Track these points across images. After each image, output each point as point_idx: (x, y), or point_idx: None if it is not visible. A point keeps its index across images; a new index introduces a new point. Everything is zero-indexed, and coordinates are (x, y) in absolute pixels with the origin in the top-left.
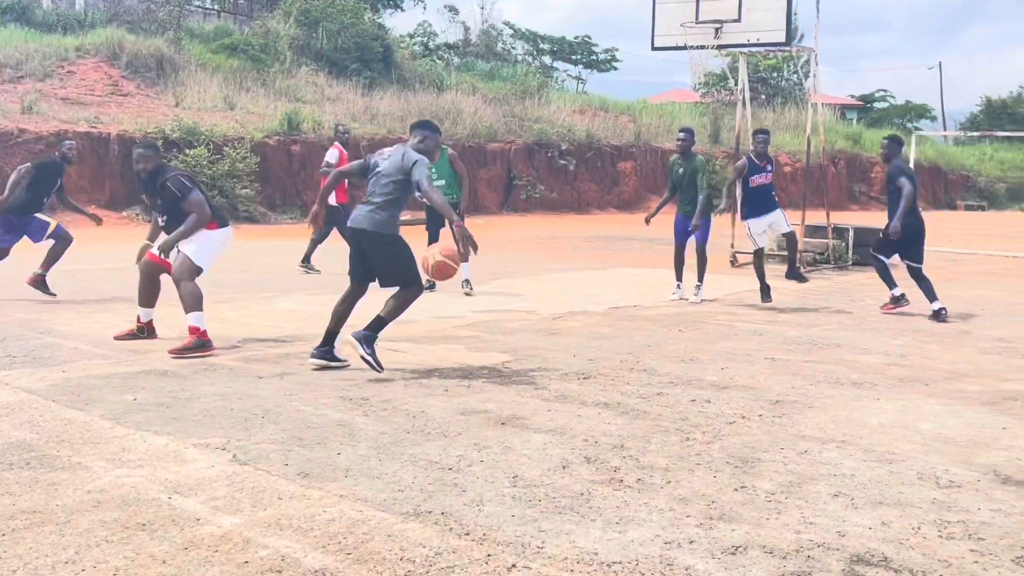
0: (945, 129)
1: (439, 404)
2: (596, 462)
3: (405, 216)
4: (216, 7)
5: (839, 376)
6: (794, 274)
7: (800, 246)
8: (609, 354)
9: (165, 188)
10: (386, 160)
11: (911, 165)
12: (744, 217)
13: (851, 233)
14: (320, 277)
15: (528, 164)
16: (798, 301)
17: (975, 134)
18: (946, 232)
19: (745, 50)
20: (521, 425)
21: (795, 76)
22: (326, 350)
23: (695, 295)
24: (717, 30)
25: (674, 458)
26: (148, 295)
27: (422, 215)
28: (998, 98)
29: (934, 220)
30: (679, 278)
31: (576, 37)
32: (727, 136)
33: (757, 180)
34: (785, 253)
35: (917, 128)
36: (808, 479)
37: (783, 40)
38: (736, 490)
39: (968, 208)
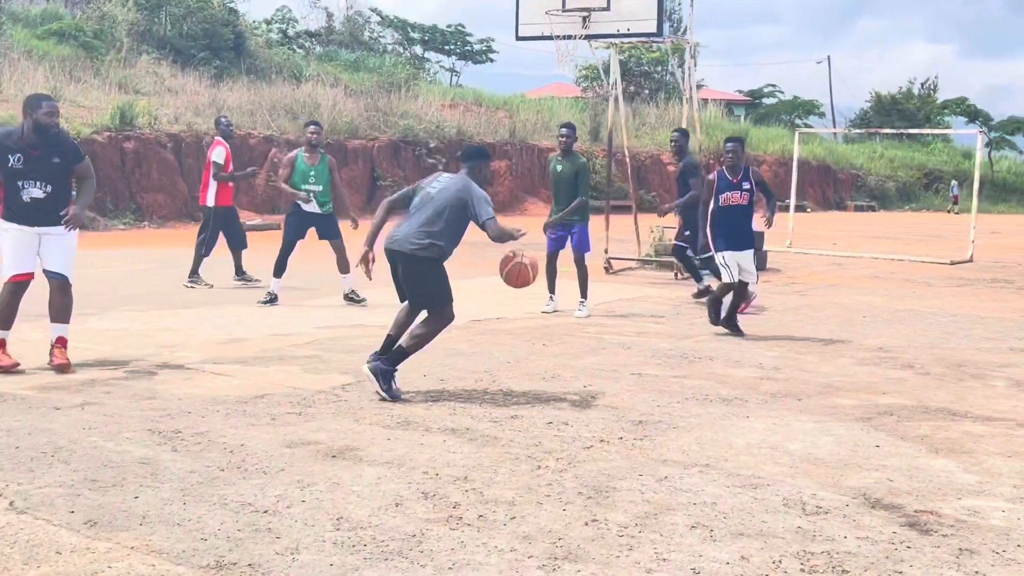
0: (835, 125)
1: (262, 436)
2: (434, 498)
3: (255, 220)
4: None
5: (708, 392)
6: (732, 323)
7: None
8: (464, 373)
9: (69, 147)
10: (439, 187)
11: (795, 162)
12: (715, 247)
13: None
14: (157, 292)
15: (394, 163)
16: (672, 310)
17: (860, 131)
18: (834, 234)
19: (616, 41)
20: (354, 457)
21: (680, 70)
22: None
23: (580, 311)
24: (585, 19)
25: (522, 490)
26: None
27: (275, 219)
28: (888, 93)
29: (824, 221)
30: (552, 289)
31: (449, 26)
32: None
33: (728, 198)
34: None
35: (807, 125)
36: (666, 509)
37: (655, 31)
38: (587, 524)
39: (858, 209)
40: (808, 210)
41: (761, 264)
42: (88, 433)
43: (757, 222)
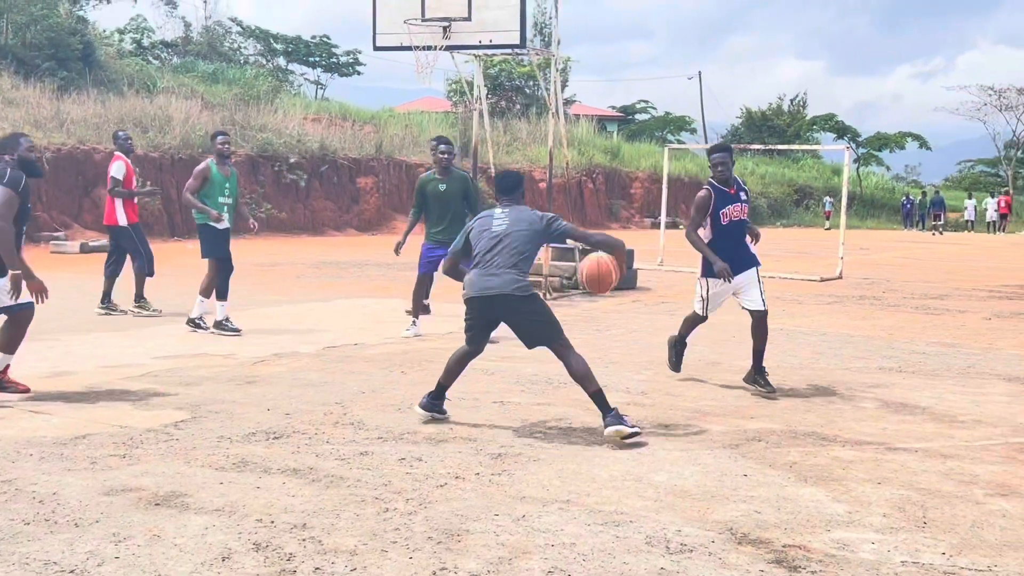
0: (706, 141)
1: (79, 482)
2: (267, 549)
3: (101, 241)
4: None
5: (572, 420)
6: (759, 376)
7: (546, 269)
8: (313, 405)
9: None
10: (505, 226)
11: (665, 178)
12: (704, 273)
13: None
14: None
15: (251, 178)
16: None
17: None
18: None
19: (480, 53)
20: (180, 505)
21: (546, 84)
22: (436, 402)
23: (408, 330)
24: (446, 29)
25: (365, 537)
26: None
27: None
28: (758, 110)
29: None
30: (416, 313)
31: (314, 37)
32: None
33: (729, 212)
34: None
35: (680, 141)
36: (521, 552)
37: (518, 42)
38: (434, 574)
39: None
40: (681, 227)
41: (631, 282)
42: None
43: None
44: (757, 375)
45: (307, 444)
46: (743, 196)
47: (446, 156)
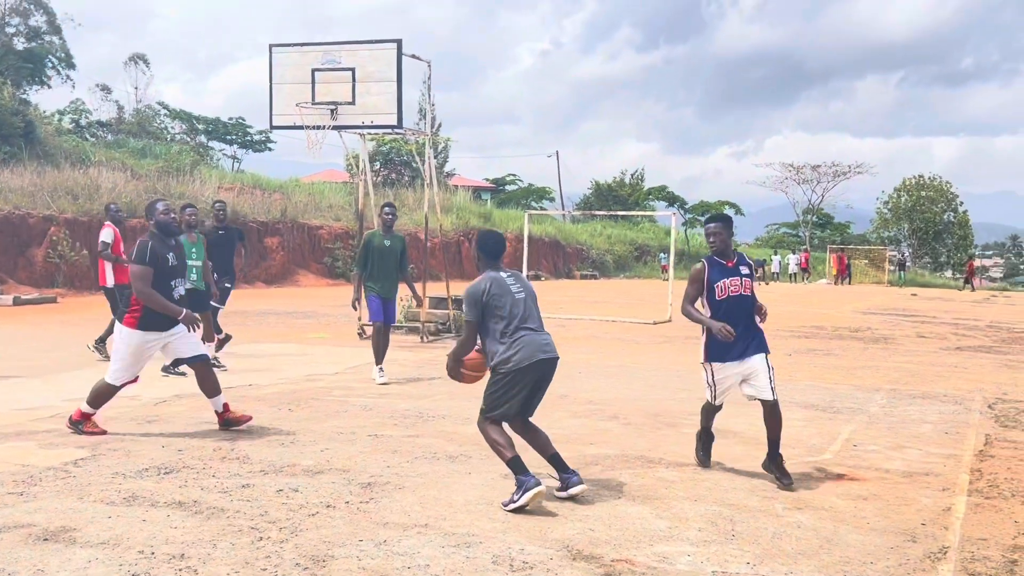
0: (563, 208)
1: None
2: None
3: (32, 295)
4: None
5: (437, 450)
6: (772, 465)
7: (425, 316)
8: (204, 442)
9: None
10: (519, 288)
11: (526, 238)
12: (706, 354)
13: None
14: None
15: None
16: (415, 371)
17: (583, 213)
18: (559, 299)
19: (363, 132)
20: (68, 539)
21: (436, 160)
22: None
23: (381, 376)
24: (333, 111)
25: (239, 564)
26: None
27: (52, 293)
28: (605, 182)
29: (555, 288)
30: (380, 360)
31: (231, 119)
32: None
33: (725, 286)
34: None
35: (542, 207)
36: (381, 575)
37: (395, 123)
38: None
39: (583, 277)
40: (542, 278)
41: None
42: None
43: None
44: (771, 463)
45: (194, 478)
46: (744, 270)
47: (390, 217)
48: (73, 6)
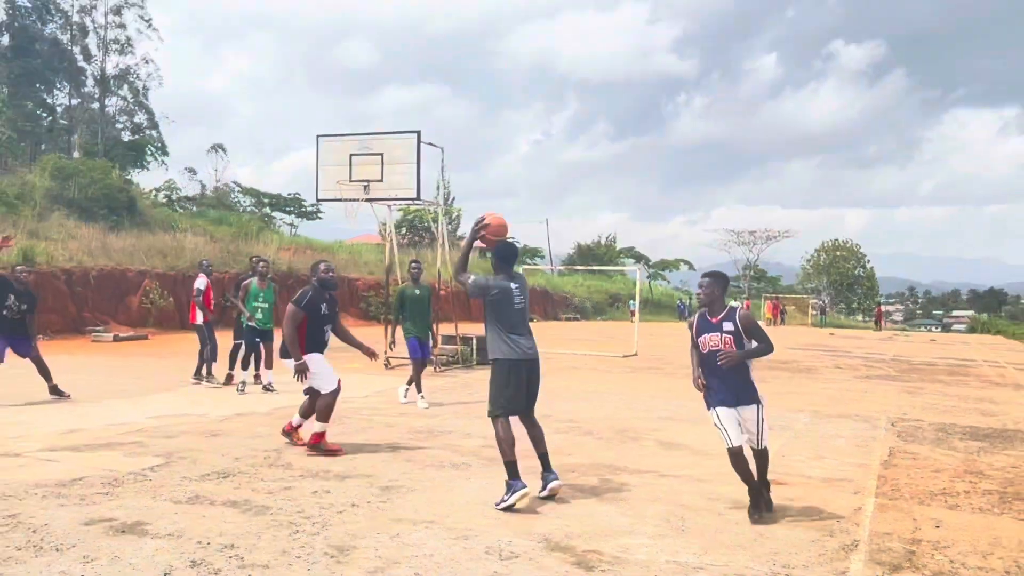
0: (552, 264)
1: (67, 515)
2: (200, 566)
3: (128, 333)
4: None
5: (444, 460)
6: (765, 490)
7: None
8: (257, 452)
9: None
10: (520, 297)
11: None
12: (707, 402)
13: (475, 340)
14: (23, 392)
15: (238, 288)
16: (429, 396)
17: (568, 268)
18: (548, 337)
19: (390, 202)
20: (141, 531)
21: (449, 226)
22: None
23: (404, 396)
24: (366, 187)
25: (277, 553)
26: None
27: (144, 331)
28: (585, 243)
29: (544, 328)
30: (420, 389)
31: (289, 194)
32: (404, 270)
33: (707, 341)
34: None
35: (534, 264)
36: (393, 563)
37: (415, 197)
38: None
39: (568, 319)
40: (535, 320)
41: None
42: None
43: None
44: (763, 489)
45: (246, 482)
46: (727, 326)
47: (416, 270)
48: (169, 106)
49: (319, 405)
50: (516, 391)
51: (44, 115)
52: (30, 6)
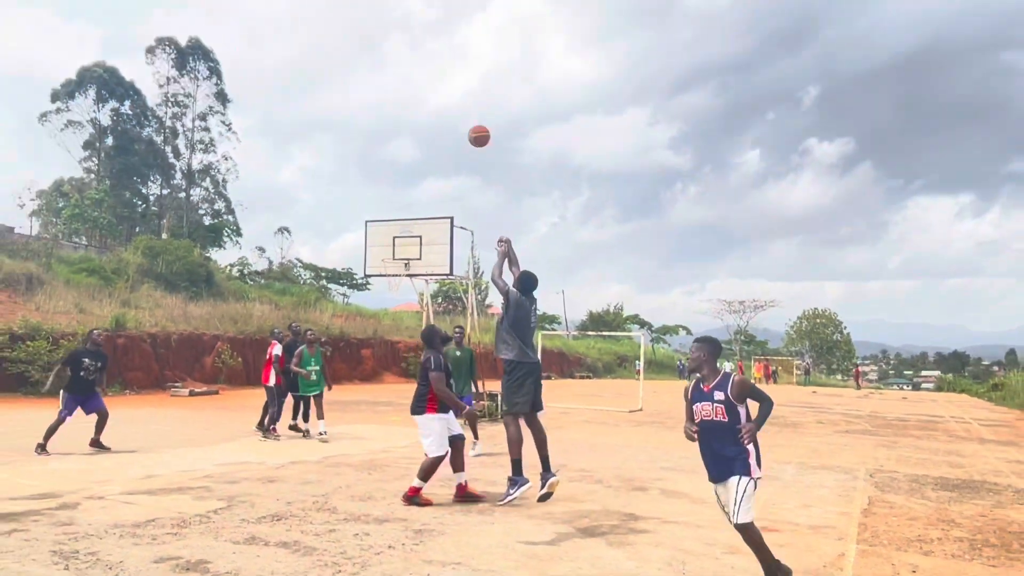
0: (568, 330)
1: (140, 553)
2: None
3: (202, 388)
4: (85, 243)
5: (470, 506)
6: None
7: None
8: (307, 496)
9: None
10: (534, 319)
11: (539, 351)
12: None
13: (499, 396)
14: (109, 440)
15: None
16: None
17: (581, 333)
18: (564, 394)
19: (426, 277)
20: (203, 569)
21: (478, 296)
22: (518, 477)
23: (474, 448)
24: (407, 264)
25: None
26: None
27: (215, 387)
28: (596, 311)
29: (561, 385)
30: (476, 436)
31: (343, 269)
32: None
33: (699, 410)
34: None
35: (552, 329)
36: None
37: (448, 272)
38: None
39: (581, 377)
40: (552, 378)
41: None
42: (2, 557)
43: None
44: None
45: (297, 524)
46: (718, 396)
47: (459, 335)
48: (243, 195)
49: (424, 465)
50: (527, 393)
51: (139, 203)
52: (131, 113)
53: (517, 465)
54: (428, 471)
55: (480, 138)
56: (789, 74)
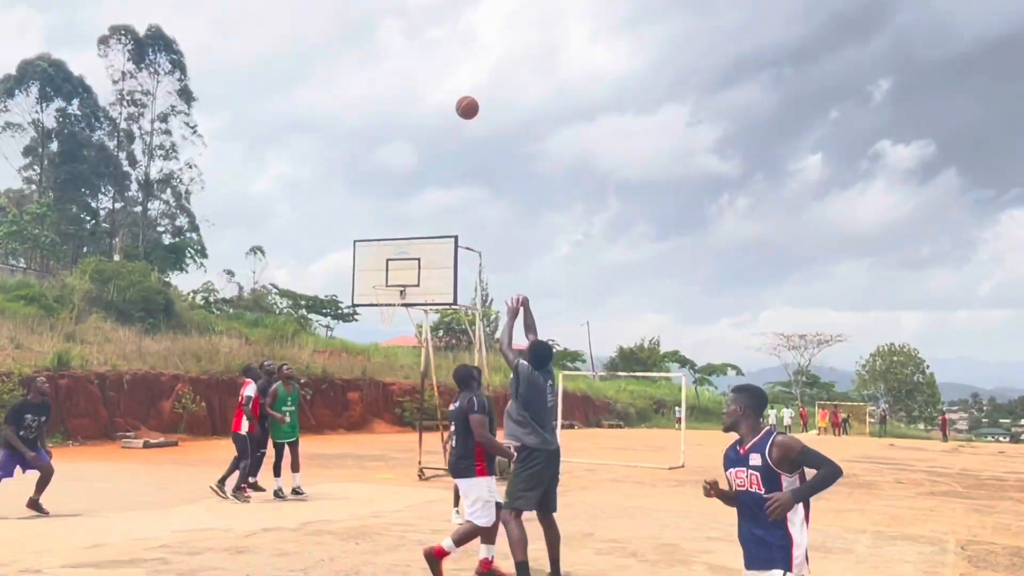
0: (594, 370)
1: None
2: None
3: (159, 439)
4: (23, 265)
5: None
6: None
7: None
8: (282, 571)
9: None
10: (551, 396)
11: (560, 394)
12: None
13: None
14: (50, 502)
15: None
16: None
17: (609, 374)
18: (589, 446)
19: (425, 308)
20: None
21: (487, 328)
22: None
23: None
24: (402, 292)
25: None
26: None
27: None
28: (628, 347)
29: (586, 436)
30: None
31: (327, 296)
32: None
33: (732, 476)
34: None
35: (576, 368)
36: None
37: (452, 301)
38: None
39: (610, 426)
40: (575, 427)
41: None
42: None
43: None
44: None
45: None
46: (754, 460)
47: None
48: (209, 209)
49: (462, 530)
50: (539, 486)
51: (87, 219)
52: (79, 114)
53: (523, 569)
54: (463, 537)
55: (469, 106)
56: (856, 64)
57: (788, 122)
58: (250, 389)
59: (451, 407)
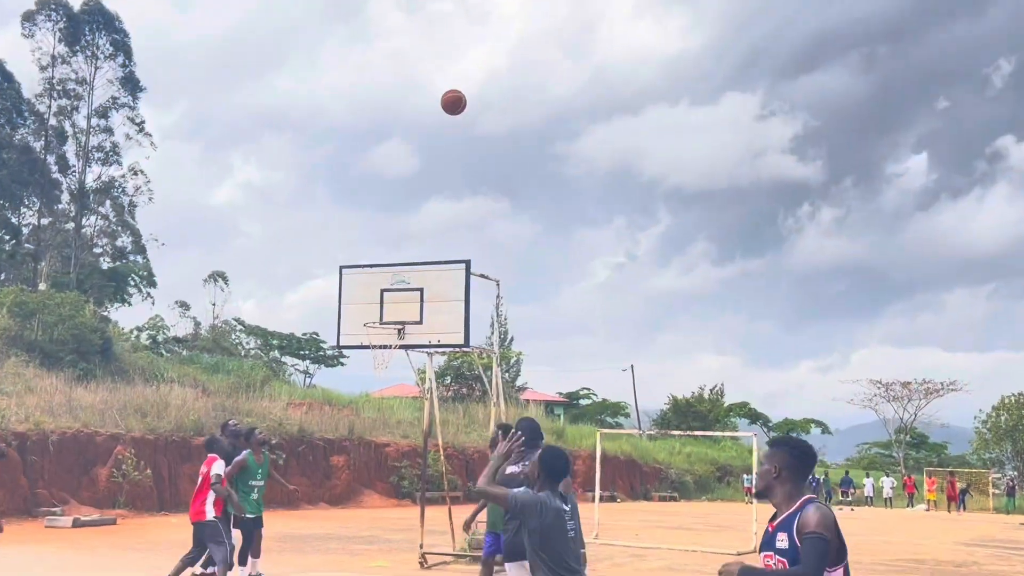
0: (639, 425)
1: None
2: None
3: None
4: None
5: None
6: None
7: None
8: None
9: None
10: (572, 523)
11: (598, 457)
12: None
13: None
14: None
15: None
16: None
17: (659, 432)
18: (636, 525)
19: (429, 351)
20: None
21: (508, 374)
22: None
23: None
24: (400, 331)
25: None
26: None
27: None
28: (683, 397)
29: (631, 511)
30: None
31: (305, 334)
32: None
33: (765, 562)
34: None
35: (618, 424)
36: None
37: (463, 342)
38: None
39: (662, 499)
40: (618, 500)
41: None
42: None
43: None
44: None
45: None
46: (781, 541)
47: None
48: (159, 225)
49: None
50: None
51: (7, 237)
52: None
53: None
54: None
55: (453, 100)
56: (969, 43)
57: (884, 114)
58: (218, 466)
59: (511, 469)
